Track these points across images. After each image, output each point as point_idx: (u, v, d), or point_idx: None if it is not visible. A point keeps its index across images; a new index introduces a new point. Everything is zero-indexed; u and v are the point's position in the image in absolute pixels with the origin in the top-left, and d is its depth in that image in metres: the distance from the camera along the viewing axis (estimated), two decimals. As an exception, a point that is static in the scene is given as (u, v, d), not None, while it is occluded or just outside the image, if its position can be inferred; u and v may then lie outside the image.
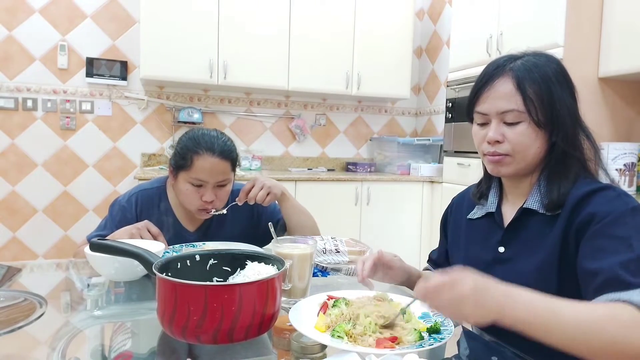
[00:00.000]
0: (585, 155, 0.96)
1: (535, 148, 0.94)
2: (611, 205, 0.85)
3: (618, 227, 0.82)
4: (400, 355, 0.67)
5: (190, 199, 1.44)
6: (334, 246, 1.36)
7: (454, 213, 1.18)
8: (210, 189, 1.43)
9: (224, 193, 1.47)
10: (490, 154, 0.97)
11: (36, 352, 0.84)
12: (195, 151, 1.41)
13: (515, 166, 0.96)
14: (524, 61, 0.95)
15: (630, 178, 2.37)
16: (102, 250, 1.04)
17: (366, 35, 3.78)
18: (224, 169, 1.43)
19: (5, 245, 3.40)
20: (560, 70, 0.96)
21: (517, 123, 0.93)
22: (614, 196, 0.87)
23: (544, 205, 0.94)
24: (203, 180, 1.41)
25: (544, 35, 2.55)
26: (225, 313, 0.73)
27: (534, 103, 0.91)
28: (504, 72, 0.94)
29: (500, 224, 1.02)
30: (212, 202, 1.44)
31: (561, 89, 0.93)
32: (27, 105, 3.37)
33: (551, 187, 0.94)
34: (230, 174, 1.47)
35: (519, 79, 0.92)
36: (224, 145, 1.44)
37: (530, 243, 0.95)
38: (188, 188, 1.43)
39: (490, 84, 0.95)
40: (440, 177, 3.58)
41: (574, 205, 0.89)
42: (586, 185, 0.91)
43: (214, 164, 1.41)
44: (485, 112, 0.96)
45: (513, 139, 0.93)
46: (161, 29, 3.26)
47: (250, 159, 3.78)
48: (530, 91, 0.92)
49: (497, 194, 1.06)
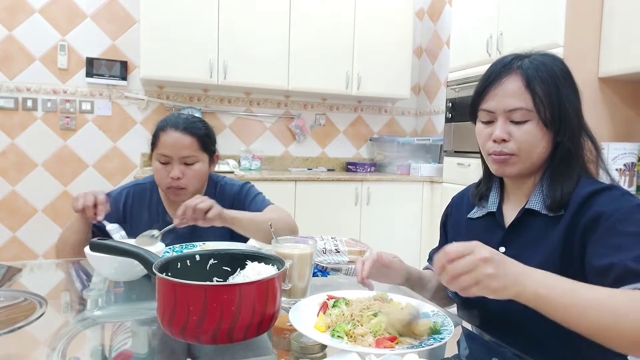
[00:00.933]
0: (586, 156, 0.96)
1: (541, 148, 0.94)
2: (618, 204, 0.85)
3: (627, 224, 0.82)
4: (400, 355, 0.67)
5: (159, 176, 1.47)
6: (334, 246, 1.36)
7: (454, 212, 1.18)
8: (176, 165, 1.44)
9: (192, 172, 1.47)
10: (496, 154, 0.96)
11: (36, 352, 0.84)
12: (161, 127, 1.47)
13: (520, 166, 0.95)
14: (531, 60, 0.94)
15: (630, 178, 2.37)
16: (102, 250, 1.04)
17: (366, 35, 3.78)
18: (188, 144, 1.45)
19: (5, 245, 3.40)
20: (565, 69, 0.96)
21: (524, 122, 0.92)
22: (618, 195, 0.87)
23: (546, 206, 0.94)
24: (167, 155, 1.44)
25: (544, 35, 2.55)
26: (225, 313, 0.73)
27: (542, 102, 0.91)
28: (512, 70, 0.94)
29: (501, 224, 1.02)
30: (179, 179, 1.44)
31: (567, 88, 0.93)
32: (27, 105, 3.37)
33: (554, 188, 0.93)
34: (197, 152, 1.47)
35: (529, 77, 0.92)
36: (189, 122, 1.47)
37: (531, 244, 0.94)
38: (157, 166, 1.46)
39: (498, 81, 0.94)
40: (440, 177, 3.58)
41: (579, 205, 0.88)
42: (589, 185, 0.90)
43: (176, 138, 1.43)
44: (492, 109, 0.95)
45: (520, 138, 0.93)
46: (161, 29, 3.26)
47: (250, 159, 3.79)
48: (539, 90, 0.91)
49: (499, 194, 1.06)
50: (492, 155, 0.97)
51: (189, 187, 1.47)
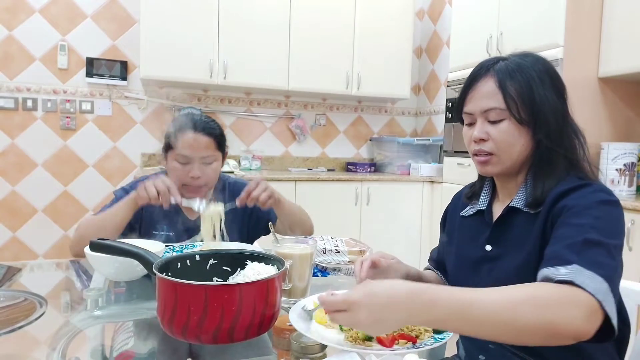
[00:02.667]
0: (577, 153, 0.97)
1: (520, 146, 0.95)
2: (583, 199, 0.85)
3: (580, 216, 0.82)
4: (400, 355, 0.67)
5: (177, 175, 1.50)
6: (334, 246, 1.36)
7: (452, 210, 1.19)
8: (196, 165, 1.49)
9: (211, 171, 1.52)
10: (477, 154, 0.99)
11: (36, 352, 0.84)
12: (179, 129, 1.50)
13: (501, 165, 0.97)
14: (508, 62, 0.97)
15: (630, 178, 2.37)
16: (102, 250, 1.04)
17: (366, 35, 3.78)
18: (207, 144, 1.50)
19: (5, 245, 3.40)
20: (545, 69, 0.97)
21: (500, 121, 0.95)
22: (590, 192, 0.87)
23: (527, 204, 0.95)
24: (187, 156, 1.48)
25: (544, 35, 2.55)
26: (226, 313, 0.73)
27: (514, 100, 0.93)
28: (487, 72, 0.97)
29: (489, 222, 1.03)
30: (199, 178, 1.49)
31: (544, 87, 0.95)
32: (27, 105, 3.37)
33: (536, 185, 0.95)
34: (215, 152, 1.53)
35: (500, 78, 0.95)
36: (206, 123, 1.53)
37: (515, 241, 0.96)
38: (175, 166, 1.50)
39: (474, 84, 0.99)
40: (440, 177, 3.58)
41: (552, 202, 0.90)
42: (569, 183, 0.91)
43: (196, 139, 1.48)
44: (471, 111, 0.99)
45: (497, 137, 0.95)
46: (161, 29, 3.26)
47: (250, 159, 3.79)
48: (512, 89, 0.94)
49: (489, 192, 1.08)
50: (475, 156, 1.00)
51: (208, 185, 1.54)
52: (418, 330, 0.80)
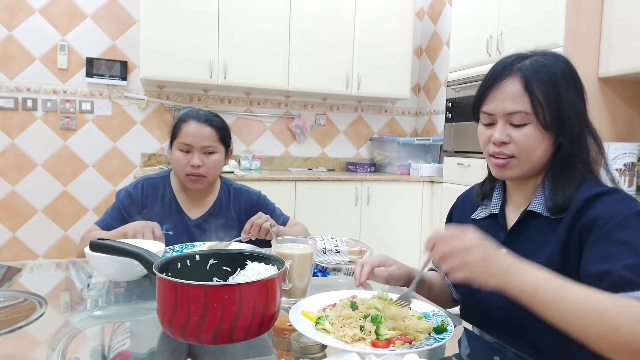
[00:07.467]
0: (591, 157, 0.95)
1: (541, 150, 0.93)
2: (615, 209, 0.84)
3: (623, 231, 0.81)
4: (400, 355, 0.67)
5: (180, 164, 1.56)
6: (334, 246, 1.36)
7: (458, 212, 1.17)
8: (196, 154, 1.55)
9: (211, 162, 1.58)
10: (496, 156, 0.96)
11: (36, 352, 0.84)
12: (183, 120, 1.59)
13: (520, 169, 0.95)
14: (532, 61, 0.93)
15: (630, 178, 2.37)
16: (102, 250, 1.04)
17: (366, 35, 3.78)
18: (208, 134, 1.57)
19: (5, 245, 3.40)
20: (568, 70, 0.94)
21: (523, 125, 0.92)
22: (618, 200, 0.86)
23: (548, 209, 0.93)
24: (189, 144, 1.55)
25: (544, 35, 2.55)
26: (225, 313, 0.73)
27: (541, 105, 0.90)
28: (511, 71, 0.93)
29: (503, 226, 1.02)
30: (199, 167, 1.54)
31: (569, 90, 0.92)
32: (27, 105, 3.37)
33: (556, 190, 0.92)
34: (216, 143, 1.59)
35: (527, 80, 0.91)
36: (208, 115, 1.62)
37: (533, 246, 0.94)
38: (177, 154, 1.56)
39: (497, 83, 0.94)
40: (440, 177, 3.58)
41: (578, 208, 0.88)
42: (591, 188, 0.90)
43: (198, 128, 1.56)
44: (492, 112, 0.95)
45: (519, 141, 0.92)
46: (161, 29, 3.26)
47: (250, 158, 3.78)
48: (538, 92, 0.90)
49: (501, 196, 1.05)
50: (492, 158, 0.97)
51: (208, 176, 1.58)
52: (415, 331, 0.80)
